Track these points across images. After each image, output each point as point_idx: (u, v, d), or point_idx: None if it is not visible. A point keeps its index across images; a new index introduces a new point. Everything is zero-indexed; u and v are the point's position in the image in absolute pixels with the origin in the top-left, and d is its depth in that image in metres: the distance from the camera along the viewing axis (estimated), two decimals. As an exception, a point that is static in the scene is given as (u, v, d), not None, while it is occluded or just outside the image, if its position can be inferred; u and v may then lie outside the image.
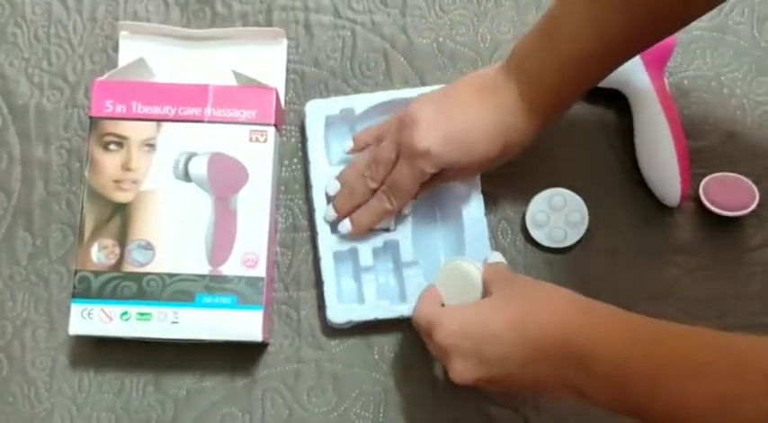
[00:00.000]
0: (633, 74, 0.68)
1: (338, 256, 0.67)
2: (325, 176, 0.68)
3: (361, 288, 0.66)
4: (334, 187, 0.67)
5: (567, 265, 0.69)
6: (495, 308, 0.55)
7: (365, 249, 0.66)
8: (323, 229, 0.67)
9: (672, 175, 0.67)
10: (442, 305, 0.60)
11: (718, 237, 0.69)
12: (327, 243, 0.67)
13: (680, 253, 0.69)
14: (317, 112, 0.69)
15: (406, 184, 0.63)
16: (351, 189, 0.66)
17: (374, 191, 0.65)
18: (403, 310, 0.65)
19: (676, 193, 0.67)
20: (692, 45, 0.73)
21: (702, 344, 0.48)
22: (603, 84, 0.70)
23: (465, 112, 0.61)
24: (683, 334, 0.50)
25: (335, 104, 0.69)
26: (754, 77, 0.72)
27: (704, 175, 0.69)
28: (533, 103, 0.60)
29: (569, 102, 0.63)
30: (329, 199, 0.68)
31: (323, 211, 0.67)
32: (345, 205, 0.66)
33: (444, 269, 0.62)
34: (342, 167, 0.68)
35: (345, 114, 0.69)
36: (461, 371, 0.54)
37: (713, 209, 0.67)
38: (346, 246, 0.67)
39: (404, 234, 0.67)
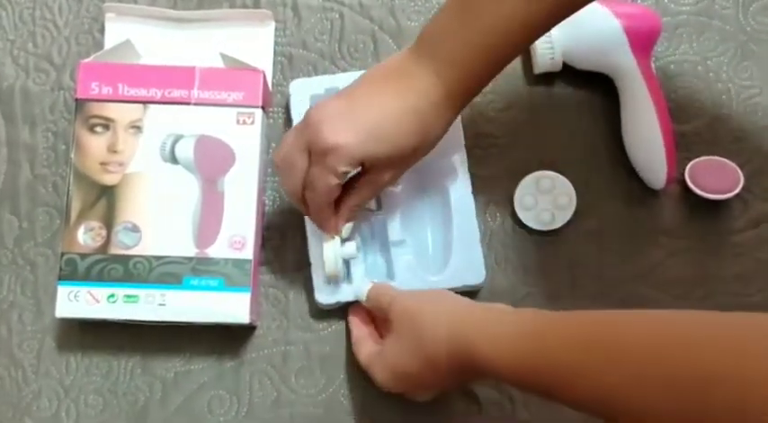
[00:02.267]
0: (620, 58, 0.68)
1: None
2: None
3: (348, 268, 0.66)
4: None
5: (554, 247, 0.70)
6: (399, 348, 0.59)
7: (352, 228, 0.66)
8: (309, 210, 0.67)
9: (658, 158, 0.68)
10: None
11: (703, 219, 0.70)
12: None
13: (665, 235, 0.70)
14: (302, 90, 0.69)
15: (321, 187, 0.59)
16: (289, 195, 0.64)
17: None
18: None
19: (662, 177, 0.68)
20: (679, 29, 0.73)
21: (584, 340, 0.49)
22: (590, 67, 0.70)
23: (373, 101, 0.58)
24: (560, 327, 0.51)
25: (320, 83, 0.69)
26: (739, 62, 0.73)
27: (690, 159, 0.69)
28: (451, 86, 0.58)
29: (486, 83, 0.60)
30: None
31: None
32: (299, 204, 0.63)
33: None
34: None
35: (330, 93, 0.69)
36: (418, 400, 0.62)
37: (698, 192, 0.68)
38: None
39: (391, 213, 0.67)
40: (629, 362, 0.46)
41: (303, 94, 0.69)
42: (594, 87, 0.72)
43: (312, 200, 0.61)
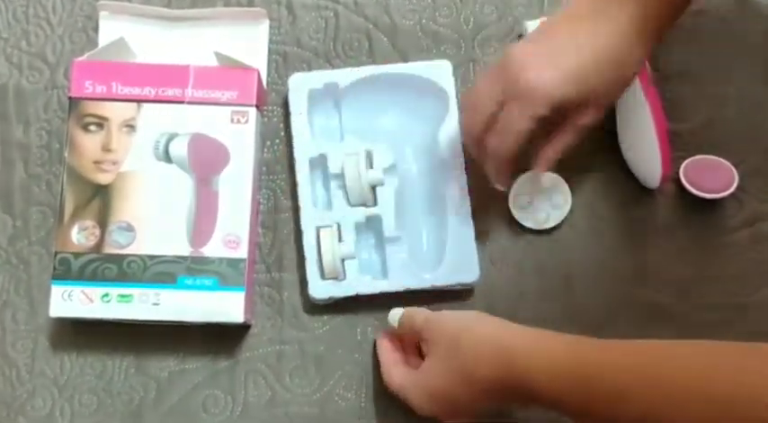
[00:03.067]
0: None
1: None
2: (308, 149, 0.68)
3: (343, 264, 0.66)
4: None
5: (549, 246, 0.70)
6: (438, 370, 0.58)
7: (348, 224, 0.66)
8: (306, 204, 0.67)
9: (653, 157, 0.67)
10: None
11: (697, 218, 0.70)
12: (310, 218, 0.67)
13: (660, 234, 0.70)
14: (301, 85, 0.69)
15: (512, 131, 0.58)
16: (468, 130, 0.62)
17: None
18: (384, 285, 0.66)
19: (657, 176, 0.68)
20: (673, 29, 0.73)
21: (625, 368, 0.50)
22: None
23: (571, 43, 0.57)
24: (606, 350, 0.52)
25: (319, 78, 0.69)
26: (733, 62, 0.73)
27: (684, 158, 0.69)
28: (647, 23, 0.57)
29: (676, 17, 0.60)
30: (312, 171, 0.68)
31: (306, 184, 0.67)
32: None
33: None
34: (324, 142, 0.68)
35: (329, 88, 0.69)
36: (442, 419, 0.61)
37: (693, 191, 0.68)
38: (329, 220, 0.67)
39: (386, 210, 0.67)
40: (674, 386, 0.46)
41: (302, 88, 0.69)
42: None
43: (497, 146, 0.60)
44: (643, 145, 0.68)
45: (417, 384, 0.60)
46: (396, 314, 0.64)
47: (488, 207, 0.70)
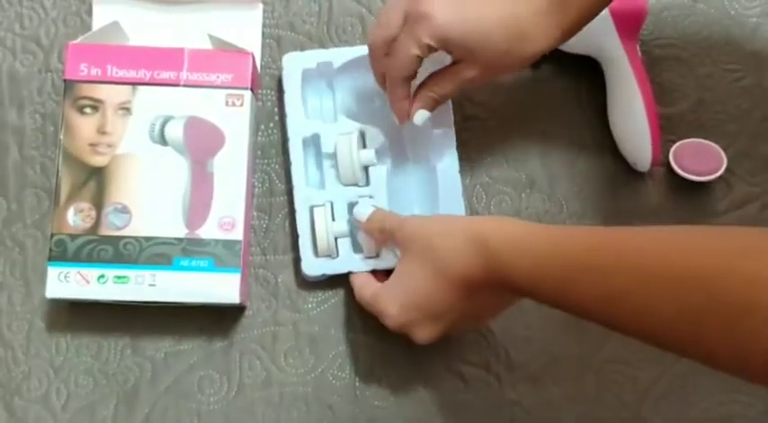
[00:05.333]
0: (606, 40, 0.69)
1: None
2: (301, 129, 0.68)
3: (336, 241, 0.67)
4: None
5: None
6: (412, 272, 0.59)
7: (340, 203, 0.67)
8: (299, 183, 0.68)
9: (644, 141, 0.68)
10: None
11: (687, 201, 0.71)
12: (303, 196, 0.67)
13: (650, 216, 0.71)
14: (295, 64, 0.69)
15: (401, 55, 0.59)
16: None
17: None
18: (376, 263, 0.66)
19: (648, 159, 0.69)
20: (664, 13, 0.74)
21: (593, 245, 0.51)
22: (577, 50, 0.71)
23: None
24: (573, 233, 0.54)
25: (313, 57, 0.69)
26: (723, 46, 0.74)
27: (674, 142, 0.70)
28: (564, 6, 0.58)
29: (595, 13, 0.60)
30: (305, 150, 0.68)
31: (299, 163, 0.68)
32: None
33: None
34: (318, 122, 0.69)
35: (323, 68, 0.69)
36: (423, 336, 0.59)
37: (683, 174, 0.69)
38: (322, 199, 0.67)
39: (378, 190, 0.67)
40: (633, 266, 0.47)
41: (295, 67, 0.69)
42: (580, 70, 0.72)
43: (390, 70, 0.61)
44: (634, 128, 0.68)
45: (391, 292, 0.60)
46: (364, 210, 0.64)
47: (480, 191, 0.71)
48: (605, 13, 0.68)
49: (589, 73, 0.72)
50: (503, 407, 0.67)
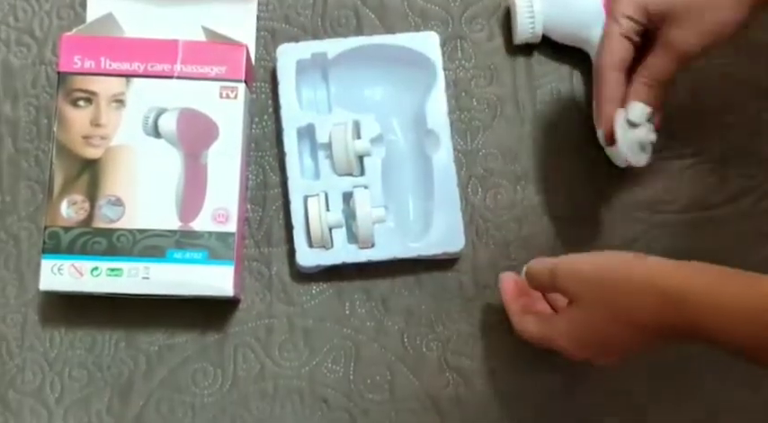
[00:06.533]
0: (597, 32, 0.69)
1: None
2: (296, 119, 0.68)
3: (330, 232, 0.67)
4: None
5: (533, 224, 0.70)
6: (586, 317, 0.57)
7: (335, 194, 0.67)
8: (294, 173, 0.67)
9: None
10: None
11: (681, 193, 0.71)
12: (298, 187, 0.67)
13: (643, 209, 0.71)
14: (289, 55, 0.69)
15: (605, 44, 0.58)
16: None
17: None
18: (371, 254, 0.66)
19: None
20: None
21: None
22: (569, 41, 0.71)
23: None
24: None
25: (307, 48, 0.69)
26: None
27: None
28: None
29: None
30: (299, 140, 0.68)
31: (294, 154, 0.68)
32: None
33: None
34: (312, 113, 0.68)
35: (317, 59, 0.69)
36: (602, 363, 0.59)
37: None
38: (316, 190, 0.67)
39: (373, 180, 0.67)
40: None
41: (290, 58, 0.69)
42: (573, 62, 0.72)
43: (598, 67, 0.59)
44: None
45: (563, 333, 0.58)
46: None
47: (475, 183, 0.71)
48: (596, 4, 0.68)
49: (581, 65, 0.72)
50: (498, 400, 0.67)
